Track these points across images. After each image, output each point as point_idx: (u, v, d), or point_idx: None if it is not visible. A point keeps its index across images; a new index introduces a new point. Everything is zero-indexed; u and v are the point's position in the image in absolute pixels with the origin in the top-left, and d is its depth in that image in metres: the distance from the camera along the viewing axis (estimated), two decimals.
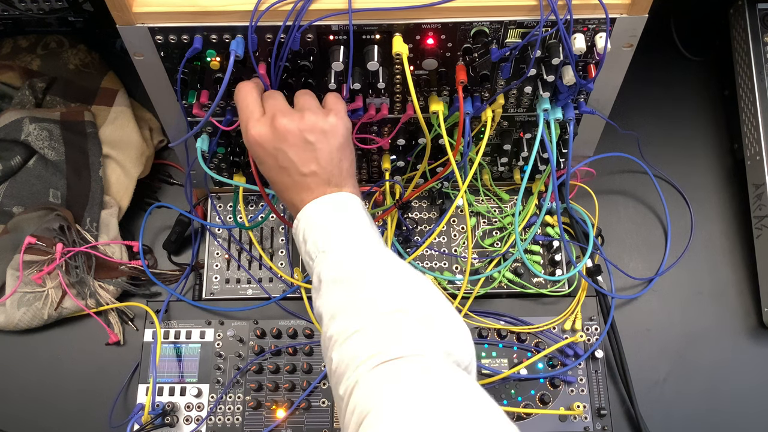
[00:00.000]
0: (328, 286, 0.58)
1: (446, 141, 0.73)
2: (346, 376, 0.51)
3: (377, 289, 0.57)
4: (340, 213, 0.63)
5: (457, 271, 0.90)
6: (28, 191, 0.92)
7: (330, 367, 0.54)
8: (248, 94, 0.65)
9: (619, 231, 0.96)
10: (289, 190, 0.64)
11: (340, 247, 0.60)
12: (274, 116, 0.63)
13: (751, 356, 0.90)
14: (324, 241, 0.61)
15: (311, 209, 0.63)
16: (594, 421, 0.82)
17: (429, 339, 0.53)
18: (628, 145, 0.95)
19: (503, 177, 0.93)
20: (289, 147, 0.62)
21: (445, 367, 0.51)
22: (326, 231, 0.61)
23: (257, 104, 0.64)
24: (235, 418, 0.83)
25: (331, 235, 0.61)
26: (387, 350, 0.51)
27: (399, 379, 0.49)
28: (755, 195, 0.91)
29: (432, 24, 0.65)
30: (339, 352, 0.53)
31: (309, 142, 0.63)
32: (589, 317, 0.87)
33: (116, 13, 0.63)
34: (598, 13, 0.65)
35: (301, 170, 0.63)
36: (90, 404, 0.87)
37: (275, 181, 0.65)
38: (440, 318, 0.56)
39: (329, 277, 0.59)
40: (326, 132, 0.63)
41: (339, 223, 0.62)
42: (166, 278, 0.91)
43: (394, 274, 0.59)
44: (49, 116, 0.94)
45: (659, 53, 1.06)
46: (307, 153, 0.63)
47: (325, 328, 0.57)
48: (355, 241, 0.61)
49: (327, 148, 0.63)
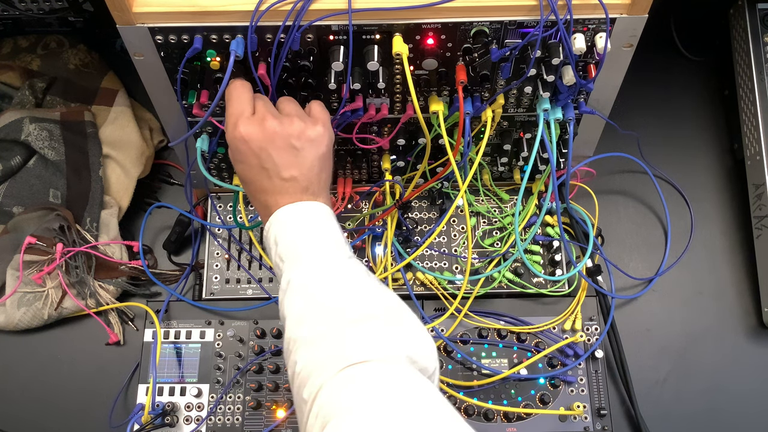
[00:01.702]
0: (297, 291, 0.59)
1: (446, 141, 0.73)
2: (311, 380, 0.52)
3: (345, 297, 0.58)
4: (314, 221, 0.63)
5: (457, 271, 0.90)
6: (28, 191, 0.92)
7: (294, 369, 0.55)
8: (242, 92, 0.65)
9: (619, 231, 0.96)
10: (265, 192, 0.64)
11: (312, 254, 0.61)
12: (264, 117, 0.63)
13: (751, 356, 0.90)
14: (297, 247, 0.61)
15: (286, 214, 0.63)
16: (594, 421, 0.82)
17: (394, 345, 0.54)
18: (628, 145, 0.95)
19: (503, 177, 0.93)
20: (275, 149, 0.63)
21: (409, 373, 0.52)
22: (300, 237, 0.62)
23: (249, 103, 0.65)
24: (235, 418, 0.83)
25: (305, 242, 0.61)
26: (352, 355, 0.52)
27: (363, 385, 0.50)
28: (755, 195, 0.91)
29: (432, 24, 0.65)
30: (304, 355, 0.54)
31: (294, 148, 0.63)
32: (589, 317, 0.87)
33: (116, 13, 0.63)
34: (598, 13, 0.65)
35: (282, 174, 0.63)
36: (90, 404, 0.87)
37: (252, 180, 0.65)
38: (405, 326, 0.57)
39: (299, 282, 0.59)
40: (312, 140, 0.64)
41: (313, 231, 0.62)
42: (166, 278, 0.91)
43: (362, 284, 0.60)
44: (49, 116, 0.94)
45: (659, 53, 1.06)
46: (291, 158, 0.63)
47: (289, 331, 0.58)
48: (327, 251, 0.61)
49: (310, 156, 0.64)
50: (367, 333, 0.54)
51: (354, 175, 0.92)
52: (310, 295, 0.58)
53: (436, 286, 0.87)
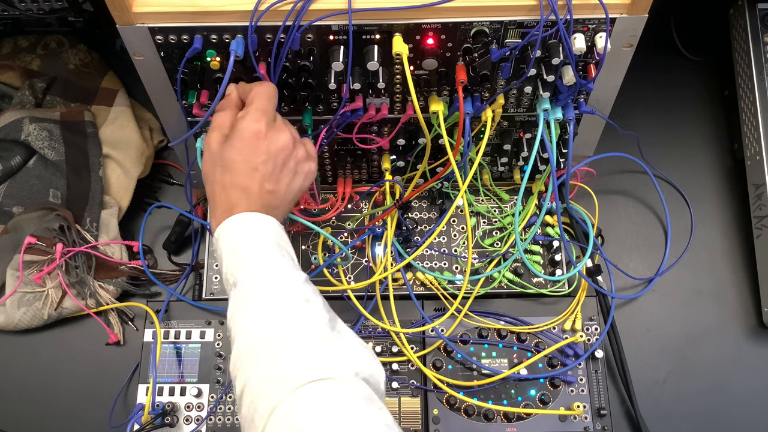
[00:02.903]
0: (247, 301, 0.59)
1: (446, 141, 0.73)
2: (266, 397, 0.52)
3: (293, 312, 0.58)
4: (272, 234, 0.62)
5: (457, 271, 0.90)
6: (28, 191, 0.92)
7: (246, 380, 0.54)
8: (275, 96, 0.65)
9: (619, 231, 0.96)
10: (239, 188, 0.62)
11: (263, 266, 0.60)
12: (286, 125, 0.65)
13: (751, 356, 0.90)
14: (251, 255, 0.60)
15: (249, 219, 0.62)
16: (594, 421, 0.82)
17: (341, 361, 0.55)
18: (628, 145, 0.95)
19: (503, 177, 0.93)
20: (280, 159, 0.63)
21: (358, 389, 0.53)
22: (255, 246, 0.61)
23: (275, 110, 0.65)
24: (235, 418, 0.83)
25: (258, 252, 0.61)
26: (305, 373, 0.52)
27: (319, 405, 0.51)
28: (755, 195, 0.91)
29: (432, 24, 0.65)
30: (257, 370, 0.54)
31: (290, 169, 0.64)
32: (589, 317, 0.87)
33: (116, 13, 0.63)
34: (598, 13, 0.65)
35: (265, 185, 0.62)
36: (90, 404, 0.87)
37: (234, 170, 0.62)
38: (347, 340, 0.58)
39: (247, 293, 0.59)
40: (307, 173, 0.66)
41: (268, 243, 0.61)
42: (166, 278, 0.91)
43: (309, 300, 0.59)
44: (49, 116, 0.94)
45: (659, 53, 1.06)
46: (284, 176, 0.64)
47: (240, 340, 0.57)
48: (275, 265, 0.60)
49: (296, 185, 0.65)
50: (315, 351, 0.55)
51: (354, 175, 0.92)
52: (259, 308, 0.58)
53: (436, 286, 0.87)
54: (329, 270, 0.89)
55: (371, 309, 0.85)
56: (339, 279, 0.89)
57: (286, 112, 0.76)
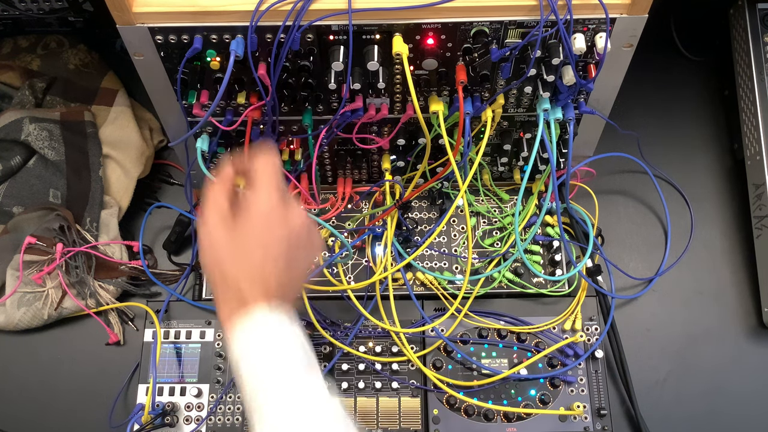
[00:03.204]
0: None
1: (446, 141, 0.73)
2: None
3: None
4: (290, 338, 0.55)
5: (457, 271, 0.90)
6: (28, 191, 0.92)
7: None
8: (280, 168, 0.59)
9: (619, 231, 0.96)
10: (250, 281, 0.55)
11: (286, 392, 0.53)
12: (305, 213, 0.60)
13: (751, 356, 0.90)
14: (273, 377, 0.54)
15: (261, 324, 0.54)
16: (594, 421, 0.82)
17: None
18: (628, 145, 0.95)
19: (503, 177, 0.93)
20: (295, 243, 0.57)
21: None
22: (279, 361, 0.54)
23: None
24: (235, 418, 0.83)
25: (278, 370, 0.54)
26: None
27: None
28: (755, 195, 0.91)
29: (432, 24, 0.65)
30: None
31: (304, 250, 0.59)
32: (589, 317, 0.87)
33: (116, 13, 0.63)
34: (598, 13, 0.65)
35: (282, 276, 0.56)
36: (90, 404, 0.87)
37: (248, 259, 0.55)
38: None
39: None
40: (318, 246, 0.62)
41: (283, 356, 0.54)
42: (166, 278, 0.91)
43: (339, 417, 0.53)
44: (49, 116, 0.94)
45: (659, 53, 1.06)
46: (298, 258, 0.58)
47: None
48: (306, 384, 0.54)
49: (308, 262, 0.61)
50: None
51: (354, 175, 0.92)
52: None
53: (436, 286, 0.87)
54: (329, 270, 0.89)
55: (371, 309, 0.85)
56: (339, 279, 0.89)
57: (286, 112, 0.76)
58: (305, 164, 0.84)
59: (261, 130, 0.76)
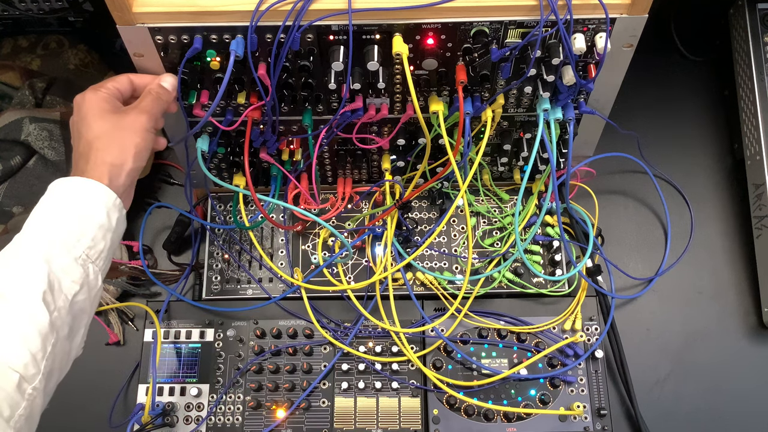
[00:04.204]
0: None
1: (446, 141, 0.73)
2: None
3: None
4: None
5: (457, 271, 0.90)
6: (28, 191, 0.92)
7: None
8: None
9: (619, 231, 0.96)
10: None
11: None
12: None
13: (751, 356, 0.90)
14: None
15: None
16: (594, 421, 0.82)
17: None
18: (628, 145, 0.95)
19: (503, 177, 0.93)
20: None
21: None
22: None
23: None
24: (235, 418, 0.83)
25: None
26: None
27: None
28: (755, 195, 0.91)
29: (432, 24, 0.65)
30: None
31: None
32: (589, 317, 0.87)
33: (116, 13, 0.63)
34: (598, 13, 0.65)
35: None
36: (90, 404, 0.87)
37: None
38: None
39: None
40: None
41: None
42: (166, 278, 0.91)
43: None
44: (49, 116, 0.94)
45: (659, 53, 1.06)
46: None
47: None
48: None
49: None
50: None
51: (354, 175, 0.92)
52: None
53: (436, 286, 0.87)
54: (329, 270, 0.89)
55: (371, 309, 0.85)
56: (339, 279, 0.89)
57: (286, 112, 0.76)
58: (305, 164, 0.84)
59: (261, 130, 0.76)
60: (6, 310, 0.55)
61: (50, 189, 0.63)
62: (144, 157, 0.66)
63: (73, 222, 0.60)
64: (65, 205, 0.61)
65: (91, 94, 0.66)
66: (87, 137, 0.64)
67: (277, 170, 0.84)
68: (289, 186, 0.86)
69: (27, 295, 0.55)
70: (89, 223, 0.61)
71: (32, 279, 0.56)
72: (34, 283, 0.56)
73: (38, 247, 0.58)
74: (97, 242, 0.61)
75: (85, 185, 0.62)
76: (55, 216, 0.60)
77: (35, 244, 0.58)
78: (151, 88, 0.67)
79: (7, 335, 0.54)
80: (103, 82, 0.67)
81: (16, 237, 0.60)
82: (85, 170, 0.63)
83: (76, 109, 0.66)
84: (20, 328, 0.54)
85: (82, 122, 0.65)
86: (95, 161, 0.63)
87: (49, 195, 0.62)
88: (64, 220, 0.60)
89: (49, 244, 0.58)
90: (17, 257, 0.58)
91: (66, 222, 0.60)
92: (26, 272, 0.57)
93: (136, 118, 0.65)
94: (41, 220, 0.60)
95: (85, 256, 0.60)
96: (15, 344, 0.54)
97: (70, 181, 0.62)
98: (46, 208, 0.61)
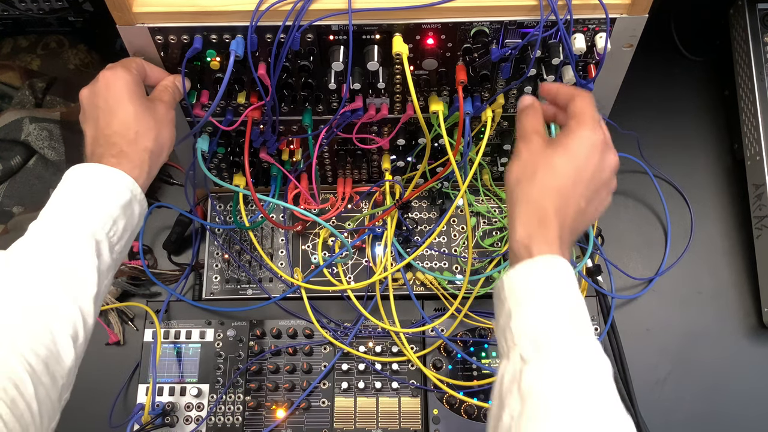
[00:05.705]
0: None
1: (446, 141, 0.73)
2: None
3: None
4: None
5: (457, 271, 0.90)
6: (28, 191, 0.92)
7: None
8: None
9: (619, 231, 0.96)
10: (545, 210, 0.56)
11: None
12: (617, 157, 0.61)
13: (751, 356, 0.90)
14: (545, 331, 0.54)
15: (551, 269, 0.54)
16: None
17: None
18: (628, 145, 0.95)
19: (503, 177, 0.93)
20: (599, 182, 0.59)
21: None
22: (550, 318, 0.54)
23: None
24: (235, 418, 0.83)
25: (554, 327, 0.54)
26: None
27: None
28: (755, 195, 0.91)
29: (432, 24, 0.65)
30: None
31: (602, 199, 0.61)
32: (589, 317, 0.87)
33: (116, 13, 0.63)
34: (598, 13, 0.65)
35: (578, 217, 0.59)
36: (90, 404, 0.86)
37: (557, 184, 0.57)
38: None
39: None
40: (605, 202, 0.63)
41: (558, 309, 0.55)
42: (166, 278, 0.91)
43: None
44: (49, 116, 0.94)
45: (659, 53, 1.06)
46: (595, 202, 0.60)
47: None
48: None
49: (596, 215, 0.62)
50: None
51: (354, 175, 0.92)
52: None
53: (436, 286, 0.87)
54: (329, 270, 0.89)
55: (371, 309, 0.85)
56: (339, 279, 0.89)
57: (286, 112, 0.76)
58: (305, 164, 0.84)
59: (261, 130, 0.76)
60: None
61: (88, 174, 0.62)
62: (170, 152, 0.66)
63: (113, 207, 0.60)
64: (108, 195, 0.61)
65: (124, 73, 0.62)
66: (122, 117, 0.61)
67: (277, 170, 0.84)
68: (289, 186, 0.86)
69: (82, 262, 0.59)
70: (118, 210, 0.60)
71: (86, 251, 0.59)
72: (89, 253, 0.59)
73: (84, 225, 0.59)
74: (118, 228, 0.60)
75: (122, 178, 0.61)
76: (96, 202, 0.60)
77: (83, 223, 0.59)
78: (168, 85, 0.67)
79: None
80: (126, 61, 0.64)
81: (57, 218, 0.61)
82: (127, 152, 0.61)
83: (104, 83, 0.62)
84: None
85: (117, 101, 0.61)
86: (137, 146, 0.61)
87: (90, 180, 0.62)
88: (101, 207, 0.60)
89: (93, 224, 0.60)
90: (66, 234, 0.59)
91: (104, 207, 0.60)
92: (79, 246, 0.59)
93: (167, 111, 0.65)
94: (85, 202, 0.61)
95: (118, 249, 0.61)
96: None
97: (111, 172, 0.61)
98: (88, 191, 0.61)
